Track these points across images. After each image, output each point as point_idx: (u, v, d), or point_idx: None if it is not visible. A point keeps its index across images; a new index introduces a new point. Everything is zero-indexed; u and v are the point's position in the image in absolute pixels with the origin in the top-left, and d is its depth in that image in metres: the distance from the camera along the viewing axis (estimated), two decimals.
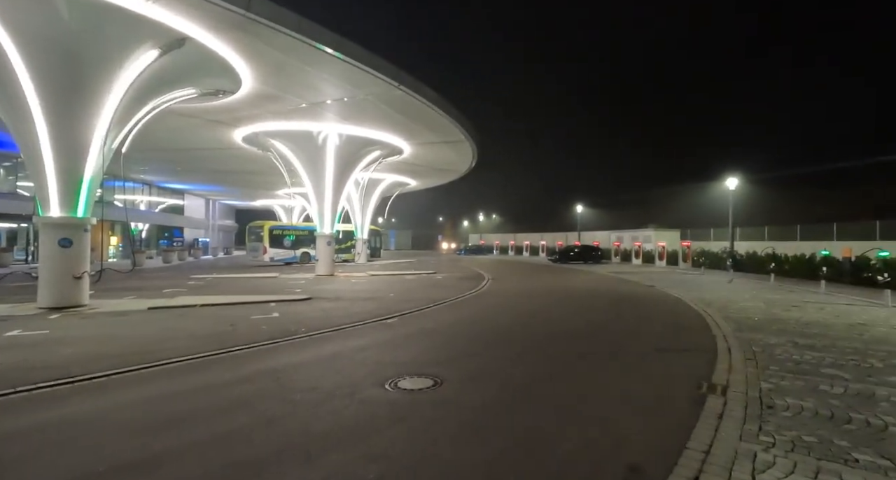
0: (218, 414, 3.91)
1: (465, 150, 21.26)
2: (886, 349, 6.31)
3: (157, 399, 4.32)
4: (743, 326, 8.08)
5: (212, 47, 10.63)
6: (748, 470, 2.86)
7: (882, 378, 4.92)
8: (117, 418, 3.86)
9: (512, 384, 4.90)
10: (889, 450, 3.18)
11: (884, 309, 10.27)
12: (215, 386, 4.69)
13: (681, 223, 34.90)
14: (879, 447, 3.24)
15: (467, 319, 9.18)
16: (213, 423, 3.71)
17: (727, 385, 4.69)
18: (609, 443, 3.40)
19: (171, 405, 4.15)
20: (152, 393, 4.47)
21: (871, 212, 24.68)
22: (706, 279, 18.84)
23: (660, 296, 13.08)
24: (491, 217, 72.71)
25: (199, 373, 5.15)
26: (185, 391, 4.54)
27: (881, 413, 3.90)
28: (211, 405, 4.15)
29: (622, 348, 6.72)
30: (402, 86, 12.82)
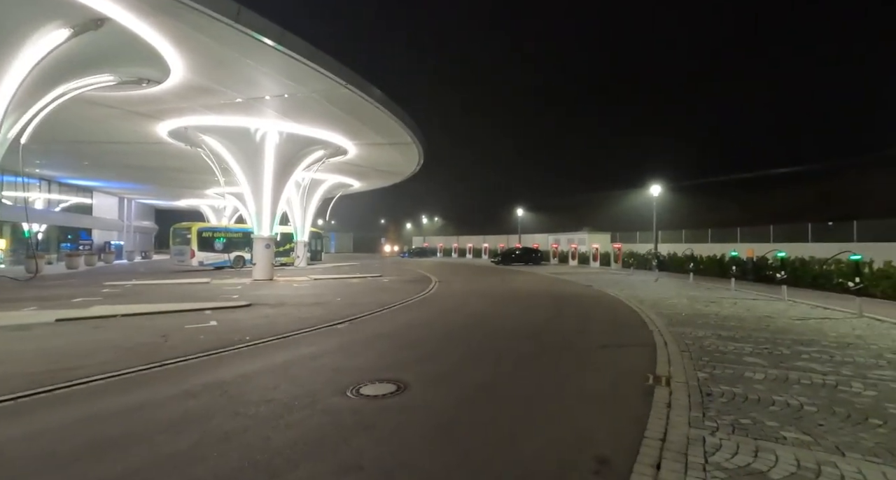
0: (160, 435, 3.51)
1: (412, 153, 21.20)
2: (790, 337, 7.22)
3: (82, 422, 3.80)
4: (674, 321, 8.83)
5: (136, 31, 9.63)
6: (701, 454, 3.12)
7: (791, 363, 5.61)
8: (35, 447, 3.34)
9: (474, 384, 4.94)
10: (807, 427, 3.63)
11: (782, 302, 11.75)
12: (152, 403, 4.22)
13: (612, 226, 37.56)
14: (799, 424, 3.68)
15: (420, 322, 9.12)
16: (157, 445, 3.33)
17: (670, 376, 5.09)
18: (575, 437, 3.54)
19: (101, 427, 3.67)
20: (75, 416, 3.92)
21: (767, 218, 28.24)
22: (635, 278, 20.38)
23: (598, 295, 13.92)
24: (434, 219, 73.14)
25: (130, 391, 4.60)
26: (116, 411, 4.03)
27: (795, 394, 4.44)
28: (151, 425, 3.72)
29: (572, 345, 7.04)
30: (348, 84, 12.48)
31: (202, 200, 42.11)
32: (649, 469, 2.94)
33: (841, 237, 19.96)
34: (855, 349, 6.38)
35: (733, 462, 3.01)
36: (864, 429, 3.57)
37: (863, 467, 2.94)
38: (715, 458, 3.06)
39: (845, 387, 4.62)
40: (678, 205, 38.39)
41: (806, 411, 3.98)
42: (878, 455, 3.10)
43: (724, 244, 24.75)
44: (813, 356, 5.97)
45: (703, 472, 2.86)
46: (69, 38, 9.19)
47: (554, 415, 4.03)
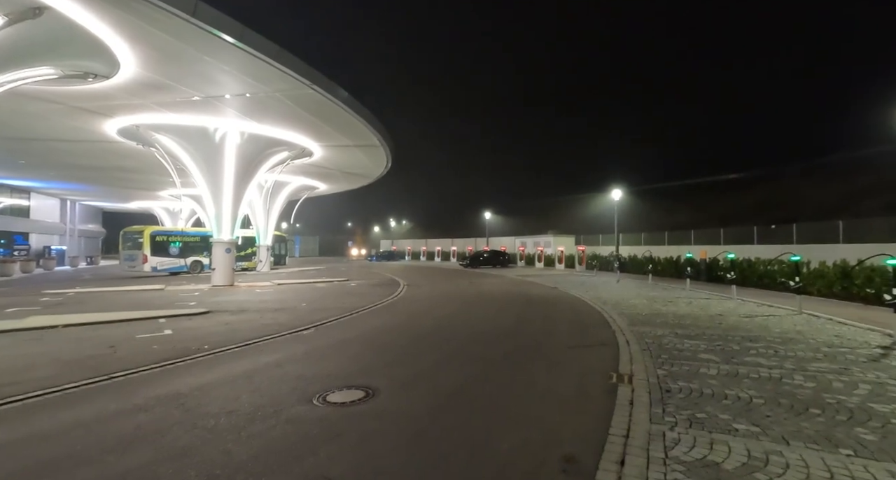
0: (109, 454, 3.28)
1: (379, 156, 21.01)
2: (739, 334, 7.67)
3: (18, 443, 3.49)
4: (635, 321, 9.18)
5: (80, 22, 9.04)
6: (662, 449, 3.25)
7: (741, 359, 5.96)
8: None
9: (444, 388, 4.93)
10: (755, 419, 3.85)
11: (732, 301, 12.47)
12: (99, 420, 3.94)
13: (576, 229, 38.66)
14: (749, 417, 3.91)
15: (389, 326, 9.02)
16: (105, 465, 3.11)
17: (632, 374, 5.28)
18: (543, 437, 3.60)
19: (42, 449, 3.38)
20: (10, 437, 3.60)
21: (718, 221, 29.97)
22: (598, 280, 21.06)
23: (564, 297, 14.27)
24: (402, 223, 72.74)
25: (74, 407, 4.28)
26: (58, 430, 3.73)
27: (745, 388, 4.72)
28: (97, 444, 3.46)
29: (539, 346, 7.18)
30: (314, 85, 12.23)
31: (156, 202, 39.95)
32: (614, 465, 3.03)
33: (782, 239, 21.47)
34: (796, 343, 6.86)
35: (691, 454, 3.15)
36: (806, 419, 3.83)
37: (804, 454, 3.15)
38: (674, 452, 3.20)
39: (788, 380, 4.96)
40: (638, 209, 40.10)
41: (755, 403, 4.23)
42: (818, 443, 3.34)
43: (680, 246, 26.03)
44: (760, 351, 6.36)
45: (663, 466, 2.98)
46: (2, 26, 8.51)
47: (524, 416, 4.09)
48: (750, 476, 2.86)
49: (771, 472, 2.90)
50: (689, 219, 34.82)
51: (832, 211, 26.21)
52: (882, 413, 3.94)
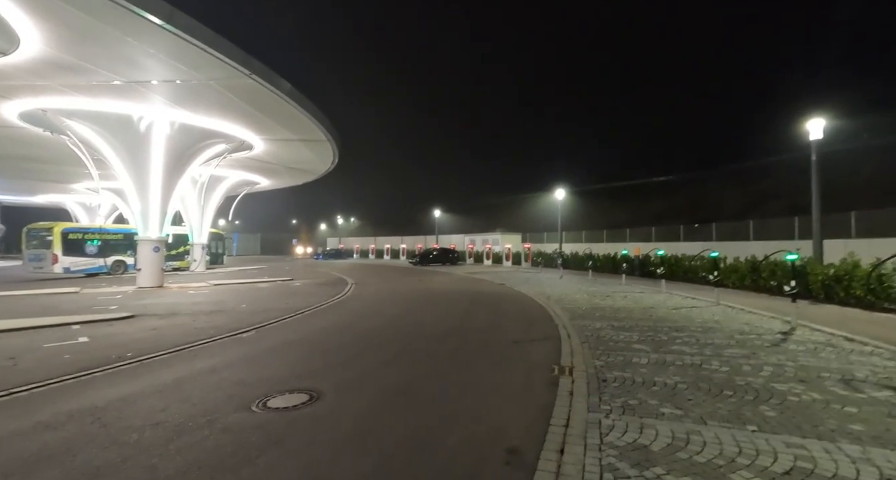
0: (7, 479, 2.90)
1: (325, 151, 20.35)
2: (667, 325, 8.31)
3: None
4: (575, 315, 9.65)
5: None
6: (598, 436, 3.44)
7: (668, 348, 6.46)
8: None
9: (391, 387, 4.89)
10: (679, 403, 4.20)
11: (661, 294, 13.49)
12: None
13: (523, 227, 39.90)
14: (674, 401, 4.25)
15: (335, 326, 8.79)
16: None
17: (572, 366, 5.54)
18: (487, 432, 3.68)
19: None
20: None
21: (649, 220, 32.26)
22: (543, 276, 21.89)
23: (510, 293, 14.67)
24: (350, 220, 71.10)
25: None
26: None
27: (671, 374, 5.12)
28: None
29: (486, 342, 7.33)
30: (253, 74, 11.57)
31: (69, 196, 35.92)
32: (554, 454, 3.16)
33: (704, 237, 23.55)
34: (714, 332, 7.55)
35: (623, 439, 3.36)
36: (720, 400, 4.23)
37: (718, 432, 3.48)
38: (609, 438, 3.40)
39: (707, 366, 5.45)
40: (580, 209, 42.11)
41: (679, 389, 4.61)
42: (730, 421, 3.71)
43: (617, 243, 27.72)
44: (684, 340, 6.94)
45: (599, 452, 3.16)
46: None
47: (470, 411, 4.15)
48: (673, 455, 3.11)
49: (691, 450, 3.17)
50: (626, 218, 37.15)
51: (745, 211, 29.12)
52: (781, 392, 4.44)
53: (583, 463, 2.98)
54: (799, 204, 12.55)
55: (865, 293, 9.73)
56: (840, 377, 4.92)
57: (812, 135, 11.99)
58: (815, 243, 12.22)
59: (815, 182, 12.01)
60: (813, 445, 3.23)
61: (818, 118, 11.88)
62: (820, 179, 12.02)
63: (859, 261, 10.48)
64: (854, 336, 6.87)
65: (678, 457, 3.07)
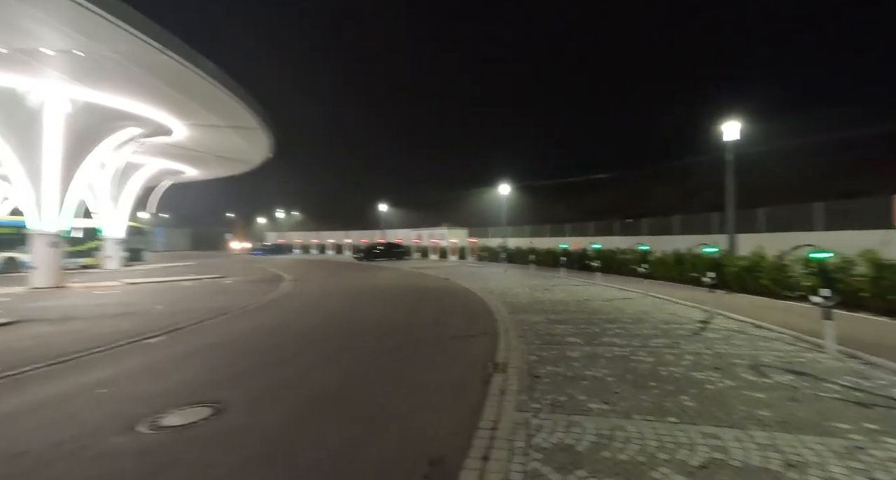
0: None
1: (260, 139, 19.05)
2: (600, 317, 8.59)
3: None
4: (515, 309, 9.72)
5: None
6: (525, 438, 3.34)
7: (600, 340, 6.62)
8: None
9: (320, 391, 4.54)
10: (606, 397, 4.23)
11: (597, 287, 14.06)
12: None
13: (469, 222, 40.20)
14: (602, 395, 4.28)
15: (266, 327, 8.18)
16: None
17: (507, 362, 5.48)
18: (414, 439, 3.46)
19: None
20: None
21: (588, 216, 33.77)
22: (487, 270, 22.14)
23: (454, 288, 14.61)
24: (292, 214, 68.02)
25: None
26: None
27: (601, 367, 5.21)
28: None
29: (426, 339, 7.13)
30: (168, 50, 10.40)
31: None
32: (478, 462, 3.01)
33: (636, 231, 25.02)
34: (642, 323, 7.90)
35: (550, 440, 3.29)
36: (645, 392, 4.33)
37: (642, 427, 3.52)
38: (536, 440, 3.31)
39: (635, 357, 5.62)
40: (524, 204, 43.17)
41: (607, 382, 4.68)
42: (652, 414, 3.78)
43: (558, 238, 28.73)
44: (615, 332, 7.16)
45: (524, 456, 3.05)
46: None
47: (399, 415, 3.92)
48: (598, 454, 3.07)
49: (615, 448, 3.16)
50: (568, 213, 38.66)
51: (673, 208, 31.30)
52: (699, 380, 4.64)
53: (506, 471, 2.85)
54: (720, 201, 13.58)
55: (771, 283, 10.69)
56: (750, 363, 5.26)
57: (727, 137, 12.96)
58: (730, 237, 13.28)
59: (729, 181, 13.01)
60: (726, 434, 3.34)
61: (733, 121, 12.86)
62: (735, 178, 13.04)
63: (765, 254, 11.50)
64: (761, 323, 7.46)
65: (602, 457, 3.03)
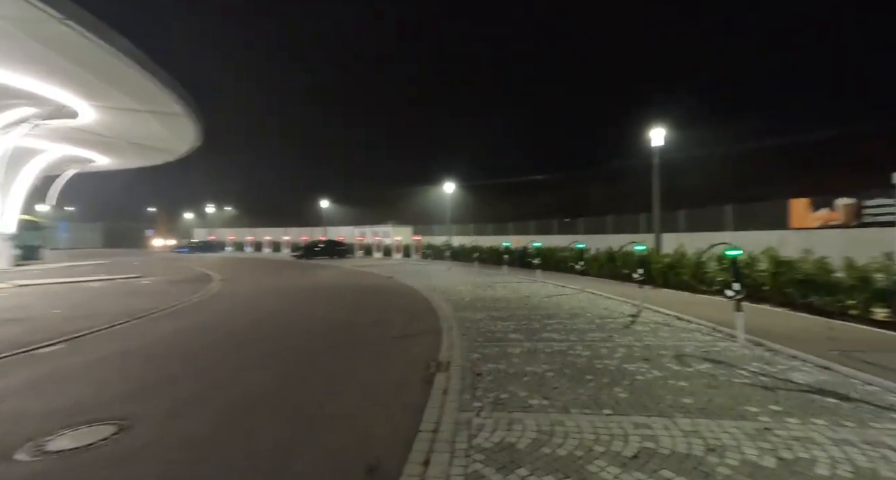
0: None
1: (183, 127, 17.44)
2: (540, 313, 8.82)
3: None
4: (459, 306, 9.72)
5: None
6: (466, 439, 3.27)
7: (540, 336, 6.77)
8: None
9: (245, 400, 4.16)
10: (546, 392, 4.30)
11: (537, 283, 14.52)
12: None
13: (413, 219, 39.97)
14: (542, 391, 4.34)
15: (191, 329, 7.47)
16: None
17: (449, 361, 5.41)
18: (351, 444, 3.27)
19: None
20: None
21: (529, 215, 34.93)
22: (432, 268, 22.11)
23: (397, 286, 14.38)
24: (225, 209, 63.59)
25: None
26: None
27: (541, 363, 5.30)
28: None
29: (366, 339, 6.89)
30: (67, 19, 9.08)
31: None
32: (418, 466, 2.89)
33: (574, 230, 26.28)
34: (579, 318, 8.22)
35: (492, 439, 3.25)
36: (581, 386, 4.45)
37: (580, 420, 3.59)
38: (478, 440, 3.25)
39: (572, 351, 5.79)
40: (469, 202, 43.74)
41: (547, 377, 4.76)
42: (589, 407, 3.88)
43: (501, 236, 29.42)
44: (554, 327, 7.37)
45: (465, 459, 2.97)
46: None
47: (336, 420, 3.69)
48: (538, 451, 3.07)
49: (554, 444, 3.18)
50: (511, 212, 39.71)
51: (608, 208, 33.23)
52: (631, 372, 4.87)
53: (447, 476, 2.75)
54: (649, 202, 14.58)
55: (690, 278, 11.64)
56: (674, 353, 5.62)
57: (654, 143, 13.94)
58: (656, 236, 14.30)
59: (655, 184, 14.00)
60: (656, 423, 3.50)
61: (659, 128, 13.85)
62: (661, 182, 14.05)
63: (686, 252, 12.52)
64: (683, 315, 8.06)
65: (542, 453, 3.03)
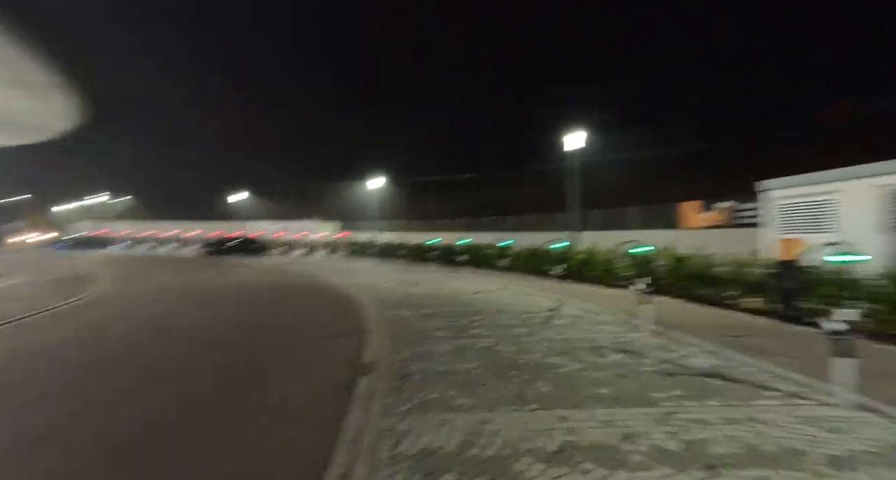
0: None
1: (59, 101, 14.87)
2: (469, 309, 8.86)
3: None
4: (386, 305, 9.45)
5: None
6: (390, 446, 3.07)
7: (468, 332, 6.77)
8: None
9: (128, 428, 3.55)
10: (474, 389, 4.25)
11: (464, 280, 14.68)
12: None
13: (340, 215, 38.60)
14: (470, 389, 4.28)
15: (54, 343, 6.32)
16: None
17: (375, 362, 5.16)
18: (263, 465, 2.91)
19: None
20: None
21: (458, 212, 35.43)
22: (359, 265, 21.46)
23: (321, 285, 13.67)
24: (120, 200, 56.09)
25: None
26: None
27: (469, 360, 5.26)
28: None
29: (283, 343, 6.39)
30: None
31: None
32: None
33: (502, 228, 27.14)
34: (504, 313, 8.39)
35: (417, 445, 3.09)
36: (508, 381, 4.48)
37: (506, 418, 3.57)
38: (403, 447, 3.07)
39: (499, 347, 5.84)
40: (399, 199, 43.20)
41: (475, 374, 4.72)
42: (514, 403, 3.89)
43: (430, 233, 29.44)
44: (482, 323, 7.43)
45: (389, 468, 2.78)
46: None
47: (242, 441, 3.28)
48: (465, 454, 2.98)
49: (481, 444, 3.10)
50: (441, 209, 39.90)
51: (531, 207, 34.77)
52: (553, 365, 5.01)
53: None
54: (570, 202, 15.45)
55: (604, 273, 12.54)
56: (591, 345, 5.91)
57: (574, 145, 14.83)
58: (574, 234, 15.23)
59: (573, 185, 14.91)
60: (576, 415, 3.59)
61: (579, 131, 14.75)
62: (580, 182, 14.99)
63: (599, 249, 13.47)
64: (597, 308, 8.60)
65: (470, 456, 2.94)
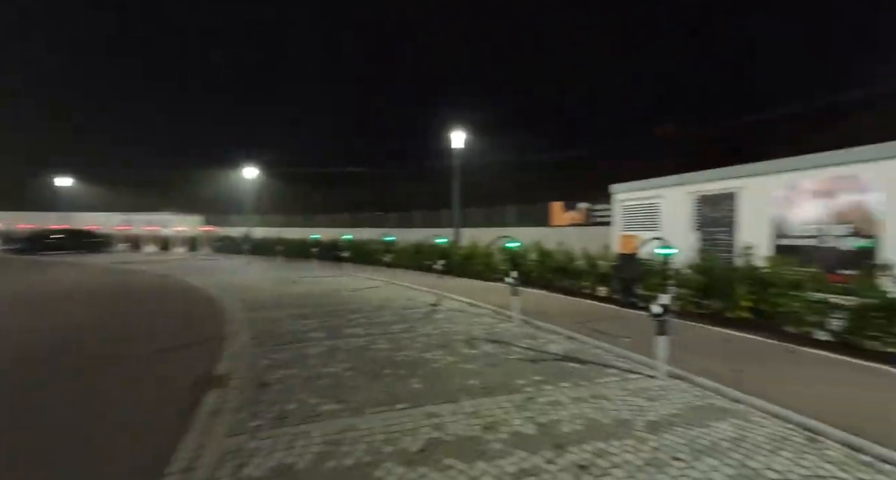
0: None
1: None
2: (346, 307, 8.49)
3: None
4: (254, 306, 8.52)
5: None
6: (232, 470, 2.67)
7: (343, 332, 6.43)
8: None
9: None
10: (342, 394, 3.99)
11: (346, 277, 14.12)
12: None
13: (204, 208, 34.06)
14: (337, 393, 4.00)
15: None
16: None
17: (229, 373, 4.54)
18: None
19: None
20: None
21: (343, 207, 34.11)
22: (226, 263, 19.16)
23: (175, 286, 11.81)
24: None
25: None
26: None
27: (340, 361, 4.97)
28: None
29: (115, 358, 5.26)
30: None
31: None
32: None
33: (385, 224, 26.90)
34: (384, 310, 8.22)
35: (266, 465, 2.74)
36: (379, 381, 4.32)
37: (372, 421, 3.41)
38: (248, 469, 2.70)
39: (374, 346, 5.65)
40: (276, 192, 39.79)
41: (345, 377, 4.45)
42: (385, 404, 3.75)
43: (312, 229, 27.75)
44: (359, 321, 7.14)
45: None
46: None
47: None
48: (321, 467, 2.73)
49: (340, 454, 2.89)
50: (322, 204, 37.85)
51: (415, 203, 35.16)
52: (428, 360, 5.01)
53: None
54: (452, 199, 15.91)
55: (483, 267, 13.23)
56: (466, 338, 6.09)
57: (455, 144, 15.33)
58: (456, 230, 15.78)
59: (455, 183, 15.44)
60: (444, 410, 3.60)
61: (460, 132, 15.29)
62: (461, 181, 15.55)
63: (478, 244, 14.18)
64: (475, 301, 8.97)
65: (326, 469, 2.71)
